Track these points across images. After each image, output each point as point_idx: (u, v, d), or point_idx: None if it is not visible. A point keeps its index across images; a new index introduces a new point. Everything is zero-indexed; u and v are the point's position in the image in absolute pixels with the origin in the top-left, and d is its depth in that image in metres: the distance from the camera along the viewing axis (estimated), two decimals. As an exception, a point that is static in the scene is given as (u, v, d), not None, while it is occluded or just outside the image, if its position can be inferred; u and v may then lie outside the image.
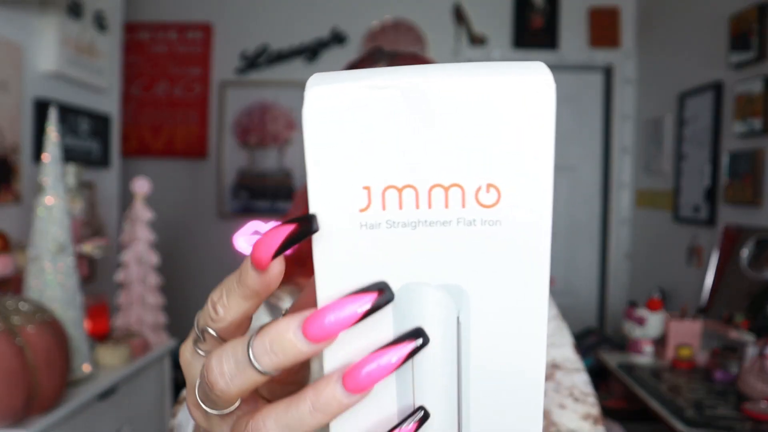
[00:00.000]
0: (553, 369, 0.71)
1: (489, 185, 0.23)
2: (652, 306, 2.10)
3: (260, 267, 0.23)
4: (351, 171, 0.24)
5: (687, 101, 2.61)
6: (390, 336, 0.25)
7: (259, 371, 0.23)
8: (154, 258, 1.91)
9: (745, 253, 2.11)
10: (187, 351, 0.28)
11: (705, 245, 2.44)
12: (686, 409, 1.64)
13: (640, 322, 2.09)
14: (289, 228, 0.23)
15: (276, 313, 0.76)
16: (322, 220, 0.24)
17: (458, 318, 0.25)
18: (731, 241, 2.21)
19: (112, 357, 1.65)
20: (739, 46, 2.19)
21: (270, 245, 0.23)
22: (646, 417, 1.95)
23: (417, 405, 0.25)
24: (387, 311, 0.25)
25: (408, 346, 0.24)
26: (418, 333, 0.24)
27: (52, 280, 1.42)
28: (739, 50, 2.19)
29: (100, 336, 1.78)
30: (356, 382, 0.23)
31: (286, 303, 0.77)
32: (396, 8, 3.27)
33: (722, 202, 2.32)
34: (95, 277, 2.23)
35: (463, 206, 0.24)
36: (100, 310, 1.81)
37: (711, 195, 2.39)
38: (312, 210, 0.24)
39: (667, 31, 2.88)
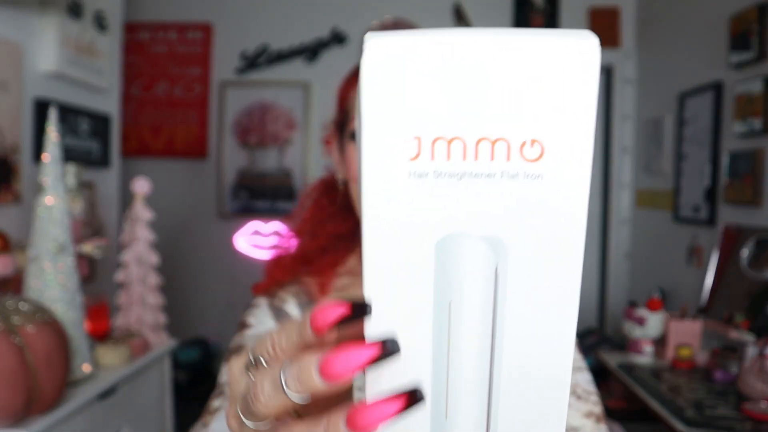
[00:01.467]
0: None
1: (533, 140, 0.25)
2: (652, 306, 2.10)
3: (318, 333, 0.26)
4: (404, 121, 0.25)
5: (687, 101, 2.61)
6: (430, 304, 0.26)
7: (288, 396, 0.27)
8: (154, 258, 1.91)
9: (745, 253, 2.11)
10: (236, 368, 0.31)
11: (705, 245, 2.44)
12: (686, 409, 1.64)
13: (640, 322, 2.09)
14: (346, 309, 0.26)
15: (281, 316, 0.76)
16: (373, 167, 0.25)
17: (496, 269, 0.26)
18: (731, 241, 2.21)
19: (112, 357, 1.65)
20: (739, 46, 2.19)
21: (327, 317, 0.26)
22: (646, 417, 1.95)
23: (452, 356, 0.27)
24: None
25: (413, 402, 0.26)
26: (418, 394, 0.26)
27: (52, 281, 1.42)
28: (739, 50, 2.19)
29: (100, 336, 1.78)
30: (361, 422, 0.26)
31: (290, 305, 0.77)
32: (396, 8, 3.27)
33: (722, 202, 2.32)
34: (95, 277, 2.23)
35: (508, 159, 0.25)
36: (100, 310, 1.81)
37: (711, 195, 2.39)
38: (364, 158, 0.25)
39: (667, 31, 2.88)
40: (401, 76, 0.24)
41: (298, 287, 0.79)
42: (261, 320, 0.75)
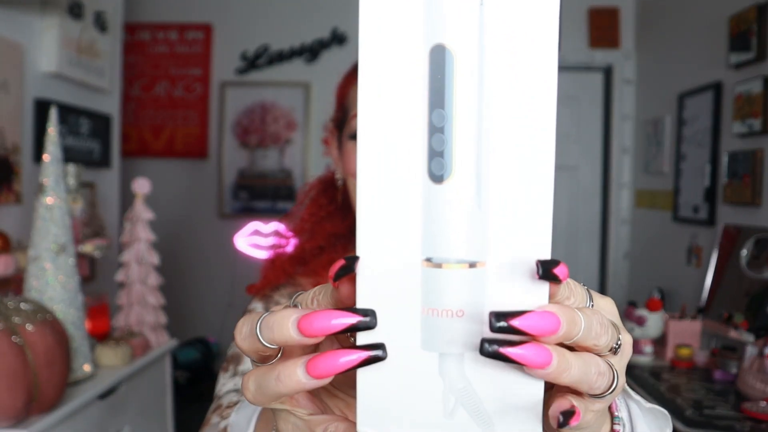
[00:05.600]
0: None
1: None
2: (651, 306, 2.10)
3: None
4: None
5: (686, 101, 2.61)
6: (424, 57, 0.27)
7: (261, 341, 0.30)
8: (154, 258, 1.91)
9: (745, 253, 2.11)
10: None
11: (704, 245, 2.44)
12: (686, 409, 1.64)
13: (640, 322, 2.09)
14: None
15: None
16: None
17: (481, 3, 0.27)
18: (730, 241, 2.21)
19: (112, 357, 1.65)
20: (738, 46, 2.20)
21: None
22: (645, 417, 1.95)
23: (447, 101, 0.27)
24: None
25: (367, 354, 0.27)
26: (378, 346, 0.28)
27: (52, 280, 1.43)
28: (739, 50, 2.19)
29: (101, 336, 1.78)
30: (317, 370, 0.28)
31: None
32: (396, 8, 3.27)
33: (721, 202, 2.33)
34: (96, 277, 2.23)
35: None
36: (101, 310, 1.81)
37: (710, 195, 2.40)
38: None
39: (667, 31, 2.88)
40: None
41: (292, 289, 0.79)
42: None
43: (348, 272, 0.28)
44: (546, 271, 0.27)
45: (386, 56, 0.27)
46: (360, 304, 0.28)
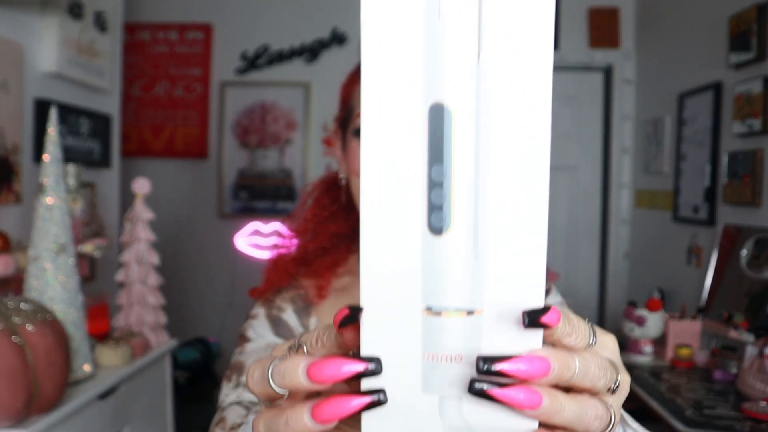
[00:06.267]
0: None
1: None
2: (651, 306, 2.10)
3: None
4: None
5: (686, 101, 2.61)
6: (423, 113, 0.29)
7: (272, 387, 0.31)
8: (154, 258, 1.91)
9: (745, 253, 2.11)
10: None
11: (704, 245, 2.44)
12: (685, 409, 1.64)
13: (640, 322, 2.09)
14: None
15: (279, 326, 0.76)
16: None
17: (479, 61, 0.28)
18: (730, 241, 2.21)
19: (112, 357, 1.65)
20: (738, 46, 2.20)
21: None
22: (645, 417, 1.95)
23: (446, 153, 0.29)
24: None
25: (369, 399, 0.29)
26: (379, 391, 0.29)
27: (52, 281, 1.43)
28: (739, 50, 2.19)
29: (101, 336, 1.79)
30: (322, 416, 0.29)
31: (287, 314, 0.77)
32: (396, 8, 3.27)
33: (721, 202, 2.33)
34: (96, 277, 2.23)
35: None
36: (101, 310, 1.82)
37: (710, 195, 2.40)
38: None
39: (667, 31, 2.88)
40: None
41: (295, 292, 0.79)
42: (260, 333, 0.76)
43: (352, 322, 0.30)
44: (532, 321, 0.29)
45: (387, 114, 0.29)
46: (364, 349, 0.30)
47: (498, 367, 0.28)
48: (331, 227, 0.81)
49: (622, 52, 3.23)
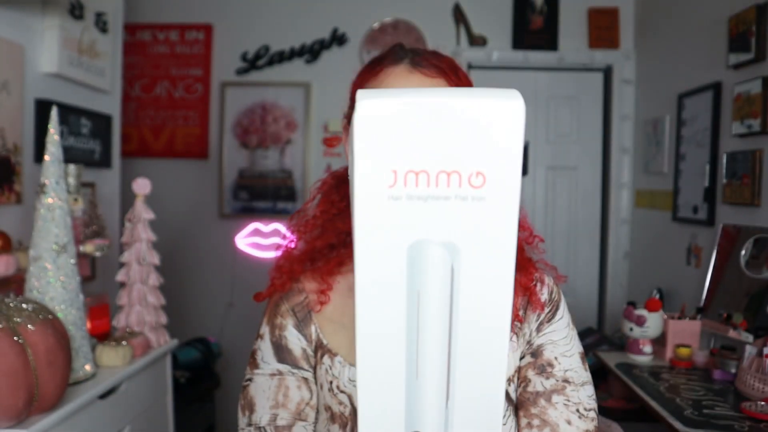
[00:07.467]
0: (564, 383, 0.78)
1: (478, 173, 0.35)
2: (651, 306, 2.11)
3: None
4: (384, 159, 0.35)
5: (686, 102, 2.62)
6: (404, 291, 0.37)
7: None
8: (154, 258, 1.91)
9: (744, 253, 2.12)
10: None
11: (704, 245, 2.45)
12: (685, 409, 1.64)
13: (639, 321, 2.09)
14: None
15: (281, 352, 0.80)
16: (362, 193, 0.35)
17: (452, 267, 0.36)
18: (730, 241, 2.21)
19: (113, 357, 1.65)
20: (738, 46, 2.20)
21: None
22: (645, 417, 1.95)
23: (421, 330, 0.38)
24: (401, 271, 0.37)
25: None
26: None
27: (53, 281, 1.43)
28: (738, 51, 2.20)
29: (102, 336, 1.79)
30: None
31: (288, 332, 0.80)
32: (396, 9, 3.27)
33: (721, 203, 2.33)
34: (96, 277, 2.24)
35: (460, 186, 0.35)
36: (102, 310, 1.82)
37: (710, 195, 2.40)
38: (356, 186, 0.35)
39: (666, 31, 2.89)
40: (382, 126, 0.34)
41: (297, 299, 0.80)
42: (266, 360, 0.80)
43: None
44: None
45: (379, 300, 0.37)
46: None
47: None
48: (340, 225, 0.81)
49: (622, 52, 3.24)
